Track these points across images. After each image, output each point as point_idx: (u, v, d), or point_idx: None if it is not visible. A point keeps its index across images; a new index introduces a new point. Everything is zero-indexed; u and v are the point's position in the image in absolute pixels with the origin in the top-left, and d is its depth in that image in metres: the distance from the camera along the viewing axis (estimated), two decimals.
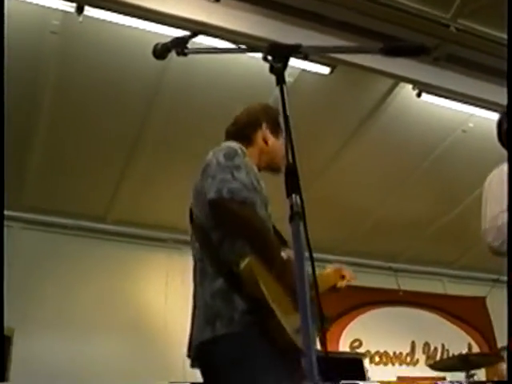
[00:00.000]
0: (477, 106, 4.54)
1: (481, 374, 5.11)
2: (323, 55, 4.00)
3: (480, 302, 6.72)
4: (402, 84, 4.46)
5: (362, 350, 5.95)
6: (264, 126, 2.51)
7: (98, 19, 3.65)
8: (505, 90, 4.42)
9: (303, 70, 4.12)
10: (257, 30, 3.83)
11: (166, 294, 5.53)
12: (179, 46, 1.98)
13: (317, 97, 4.45)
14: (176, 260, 5.66)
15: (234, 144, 2.33)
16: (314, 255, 5.03)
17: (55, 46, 3.88)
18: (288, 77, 3.14)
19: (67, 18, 3.67)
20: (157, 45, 2.03)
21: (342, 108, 4.66)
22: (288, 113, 1.65)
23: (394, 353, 6.13)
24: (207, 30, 3.71)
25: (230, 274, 2.08)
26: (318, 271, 2.62)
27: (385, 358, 6.05)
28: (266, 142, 2.49)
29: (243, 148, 2.37)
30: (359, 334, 6.00)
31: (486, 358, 5.00)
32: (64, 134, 4.54)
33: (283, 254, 2.16)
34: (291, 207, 1.49)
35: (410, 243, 6.33)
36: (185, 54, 1.98)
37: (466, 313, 6.57)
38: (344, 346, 5.92)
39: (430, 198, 5.78)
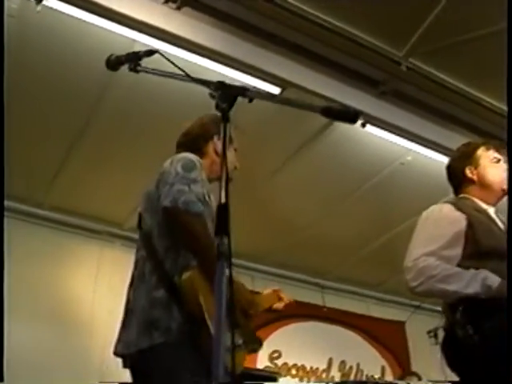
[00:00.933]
0: (416, 142, 4.69)
1: None
2: (274, 76, 4.09)
3: (399, 326, 6.94)
4: None
5: (280, 362, 6.08)
6: (215, 137, 2.60)
7: (56, 10, 3.64)
8: (445, 131, 4.65)
9: (254, 87, 4.19)
10: (214, 43, 3.88)
11: (94, 287, 5.51)
12: (132, 61, 2.02)
13: (265, 114, 4.52)
14: (108, 253, 5.67)
15: (192, 156, 2.40)
16: (244, 263, 5.15)
17: (11, 29, 3.84)
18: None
19: (25, 4, 3.65)
20: (111, 56, 2.07)
21: (288, 127, 4.75)
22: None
23: (311, 367, 6.27)
24: (165, 37, 3.75)
25: (172, 284, 2.16)
26: (255, 294, 2.75)
27: (301, 372, 6.19)
28: (217, 153, 2.57)
29: (201, 161, 2.43)
30: (280, 345, 6.11)
31: None
32: (9, 116, 4.47)
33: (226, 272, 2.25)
34: (217, 247, 1.57)
35: (340, 262, 6.50)
36: (136, 71, 2.02)
37: (385, 335, 6.76)
38: (264, 356, 6.02)
39: (364, 222, 5.93)
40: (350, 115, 1.73)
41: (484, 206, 2.76)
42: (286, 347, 6.14)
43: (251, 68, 4.04)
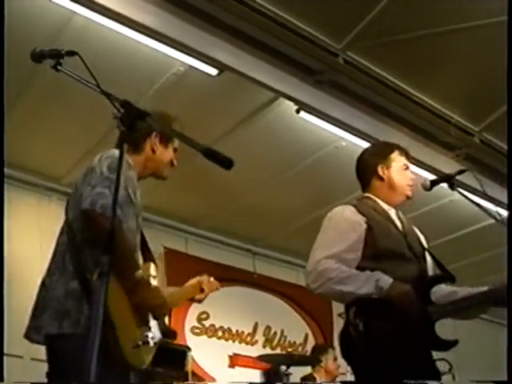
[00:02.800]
0: (349, 132, 4.84)
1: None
2: (212, 58, 4.16)
3: None
4: None
5: (208, 323, 6.32)
6: (154, 134, 2.65)
7: None
8: (378, 124, 4.81)
9: (191, 67, 4.26)
10: (154, 21, 3.91)
11: (40, 240, 5.53)
12: (55, 58, 2.10)
13: (202, 93, 4.62)
14: (45, 207, 5.73)
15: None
16: (178, 225, 5.29)
17: None
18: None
19: None
20: (35, 49, 2.13)
21: (232, 100, 4.85)
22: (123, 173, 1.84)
23: (237, 331, 6.52)
24: (106, 13, 3.77)
25: (85, 279, 2.24)
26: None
27: (227, 334, 6.43)
28: (153, 150, 2.65)
29: (129, 160, 2.52)
30: (209, 307, 6.30)
31: (308, 360, 5.50)
32: None
33: (138, 273, 2.37)
34: (101, 266, 1.70)
35: (273, 231, 6.72)
36: (57, 70, 2.09)
37: (311, 305, 6.98)
38: (192, 317, 6.25)
39: (299, 197, 6.12)
40: (226, 162, 1.87)
41: (385, 206, 2.91)
42: (215, 309, 6.34)
43: (190, 49, 4.09)
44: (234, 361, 6.29)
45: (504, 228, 2.65)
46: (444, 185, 5.19)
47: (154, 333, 2.39)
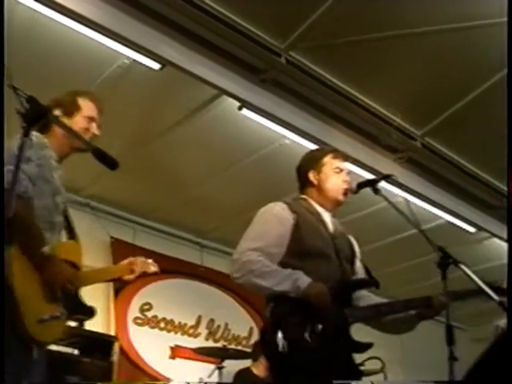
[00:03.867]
0: (292, 131, 4.89)
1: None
2: (154, 53, 4.16)
3: None
4: None
5: (150, 314, 6.31)
6: (58, 111, 2.70)
7: None
8: (321, 125, 4.86)
9: (135, 61, 4.26)
10: (96, 14, 3.88)
11: None
12: None
13: (148, 87, 4.62)
14: None
15: (34, 134, 2.46)
16: (127, 215, 5.27)
17: None
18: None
19: None
20: None
21: (173, 100, 4.86)
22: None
23: (180, 322, 6.53)
24: (50, 4, 3.74)
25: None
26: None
27: (169, 326, 6.44)
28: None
29: (44, 140, 2.54)
30: (152, 298, 6.34)
31: (244, 355, 5.56)
32: None
33: (46, 249, 2.41)
34: None
35: (222, 225, 6.73)
36: None
37: (256, 298, 6.98)
38: (135, 307, 6.25)
39: (246, 192, 6.14)
40: (111, 163, 1.90)
41: (320, 209, 2.97)
42: (158, 301, 6.37)
43: (133, 43, 4.08)
44: (175, 352, 6.31)
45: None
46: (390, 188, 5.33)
47: (63, 309, 2.46)
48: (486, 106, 5.04)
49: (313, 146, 4.95)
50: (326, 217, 3.00)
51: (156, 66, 4.28)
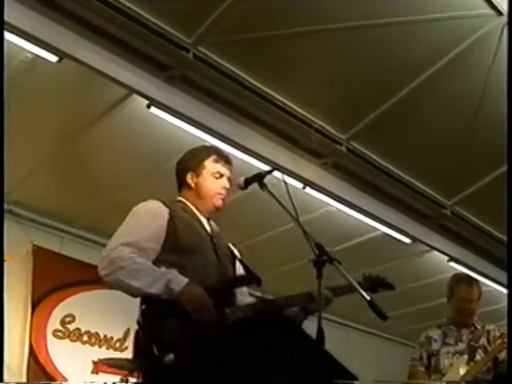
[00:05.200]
0: (205, 132, 4.69)
1: None
2: (51, 45, 3.97)
3: None
4: None
5: (72, 327, 6.05)
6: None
7: None
8: (234, 124, 4.67)
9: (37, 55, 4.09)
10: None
11: None
12: None
13: (51, 81, 4.43)
14: None
15: None
16: (54, 224, 5.01)
17: None
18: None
19: None
20: None
21: (85, 98, 4.68)
22: None
23: (105, 336, 6.26)
24: None
25: None
26: None
27: (94, 339, 6.17)
28: None
29: None
30: (75, 310, 6.07)
31: None
32: None
33: None
34: None
35: None
36: None
37: None
38: (55, 319, 5.99)
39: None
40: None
41: (196, 211, 2.81)
42: (82, 313, 6.11)
43: (28, 35, 3.90)
44: (98, 367, 6.02)
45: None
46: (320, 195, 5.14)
47: None
48: (413, 106, 4.91)
49: (233, 150, 4.82)
50: (203, 219, 2.85)
51: (54, 58, 4.09)
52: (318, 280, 2.44)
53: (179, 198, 2.86)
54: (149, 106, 4.46)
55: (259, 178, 2.81)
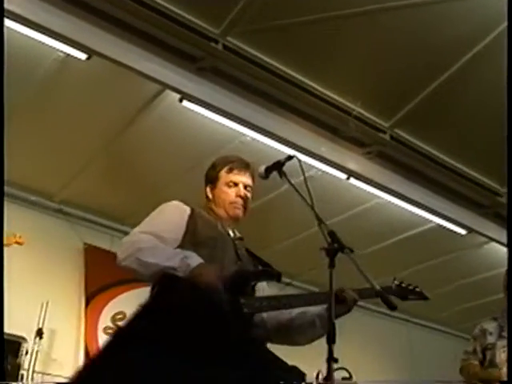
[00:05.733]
0: (244, 125, 4.62)
1: None
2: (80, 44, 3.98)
3: None
4: None
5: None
6: None
7: None
8: (271, 115, 4.56)
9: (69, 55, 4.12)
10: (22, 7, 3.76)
11: None
12: None
13: (83, 80, 4.46)
14: None
15: None
16: (104, 222, 5.05)
17: None
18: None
19: None
20: None
21: (119, 96, 4.68)
22: None
23: None
24: None
25: None
26: None
27: None
28: None
29: None
30: (126, 307, 6.07)
31: None
32: None
33: None
34: None
35: None
36: None
37: None
38: (106, 317, 6.04)
39: None
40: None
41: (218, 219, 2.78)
42: (133, 310, 6.12)
43: (58, 35, 3.92)
44: None
45: None
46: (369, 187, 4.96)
47: None
48: (459, 88, 4.66)
49: (272, 142, 4.72)
50: (225, 225, 2.78)
51: (83, 56, 4.10)
52: (329, 269, 2.31)
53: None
54: (181, 100, 4.40)
55: (279, 165, 2.71)
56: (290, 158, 2.77)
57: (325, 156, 4.92)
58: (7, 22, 3.78)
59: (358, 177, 5.20)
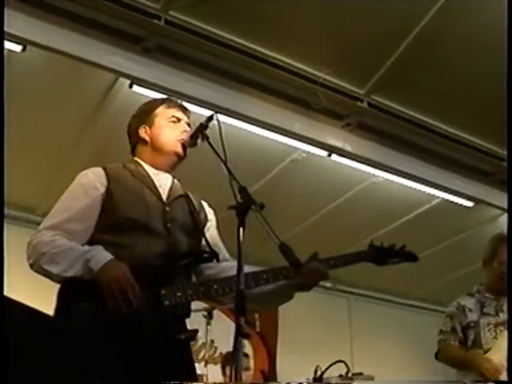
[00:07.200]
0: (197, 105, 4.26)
1: None
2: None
3: None
4: None
5: None
6: None
7: None
8: (230, 92, 4.25)
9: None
10: None
11: None
12: None
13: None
14: None
15: None
16: None
17: None
18: None
19: None
20: None
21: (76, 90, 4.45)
22: None
23: None
24: None
25: None
26: None
27: None
28: None
29: None
30: None
31: None
32: None
33: None
34: None
35: None
36: None
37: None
38: None
39: None
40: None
41: (153, 171, 2.47)
42: None
43: None
44: None
45: None
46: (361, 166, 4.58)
47: None
48: (430, 44, 4.27)
49: (239, 123, 4.42)
50: (161, 179, 2.49)
51: (18, 48, 3.88)
52: (238, 230, 1.99)
53: (134, 159, 2.53)
54: (131, 86, 4.14)
55: (202, 129, 2.42)
56: (211, 118, 2.47)
57: (299, 133, 4.56)
58: None
59: (342, 153, 4.81)
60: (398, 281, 6.69)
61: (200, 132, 2.40)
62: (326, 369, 4.40)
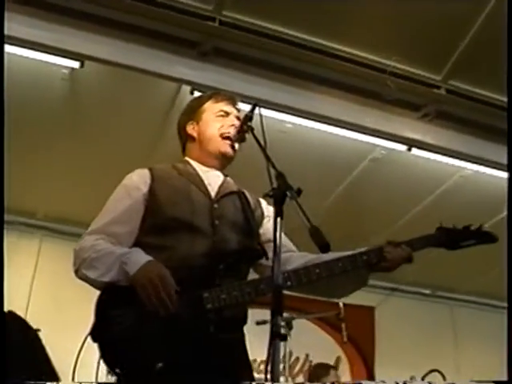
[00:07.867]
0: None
1: None
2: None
3: (367, 312, 6.27)
4: None
5: None
6: None
7: None
8: (297, 91, 4.08)
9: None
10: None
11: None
12: None
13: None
14: None
15: None
16: None
17: None
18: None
19: None
20: None
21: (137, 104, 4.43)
22: None
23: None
24: None
25: None
26: None
27: None
28: None
29: None
30: None
31: None
32: None
33: None
34: None
35: None
36: None
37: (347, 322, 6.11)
38: None
39: None
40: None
41: (202, 168, 2.36)
42: None
43: (46, 47, 3.76)
44: None
45: None
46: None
47: None
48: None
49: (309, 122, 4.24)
50: (210, 177, 2.35)
51: (75, 64, 3.89)
52: (274, 220, 1.82)
53: (184, 159, 2.42)
54: (192, 92, 4.05)
55: (247, 120, 2.28)
56: (254, 107, 2.31)
57: (374, 127, 4.30)
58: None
59: (422, 146, 4.49)
60: (502, 284, 6.19)
61: (245, 124, 2.25)
62: (422, 378, 4.14)
